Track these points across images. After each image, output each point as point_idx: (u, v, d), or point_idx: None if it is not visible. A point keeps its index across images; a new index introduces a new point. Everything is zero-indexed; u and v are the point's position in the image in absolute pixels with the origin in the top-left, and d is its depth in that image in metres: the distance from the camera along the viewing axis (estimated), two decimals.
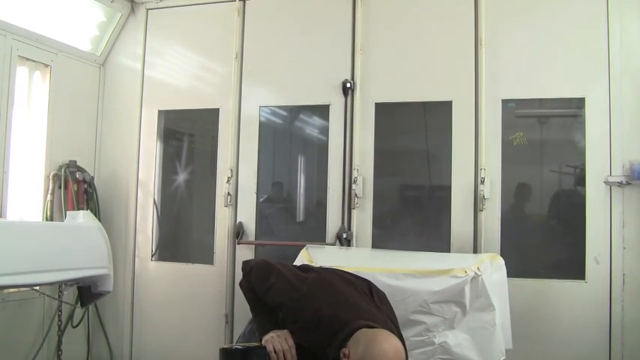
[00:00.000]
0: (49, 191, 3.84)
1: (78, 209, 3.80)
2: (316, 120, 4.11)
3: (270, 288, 2.15)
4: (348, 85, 3.77)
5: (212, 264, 3.98)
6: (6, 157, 3.54)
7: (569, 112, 3.60)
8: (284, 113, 4.18)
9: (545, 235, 3.58)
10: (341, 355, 1.85)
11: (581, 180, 3.41)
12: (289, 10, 4.03)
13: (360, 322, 1.93)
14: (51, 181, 3.86)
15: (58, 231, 3.30)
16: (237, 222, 3.96)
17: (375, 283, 2.44)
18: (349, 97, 3.80)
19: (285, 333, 2.03)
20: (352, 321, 1.93)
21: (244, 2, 4.09)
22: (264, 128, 4.05)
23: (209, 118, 4.14)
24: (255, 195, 3.97)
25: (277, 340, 2.00)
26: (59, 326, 3.71)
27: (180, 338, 3.98)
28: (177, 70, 4.24)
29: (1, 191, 3.50)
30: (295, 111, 4.11)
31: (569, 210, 3.58)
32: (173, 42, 4.26)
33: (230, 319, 3.90)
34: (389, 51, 3.79)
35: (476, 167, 3.55)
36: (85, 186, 4.05)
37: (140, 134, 4.26)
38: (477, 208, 3.51)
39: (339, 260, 2.81)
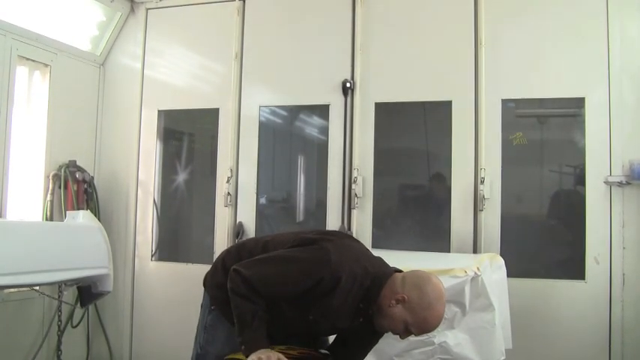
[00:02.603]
0: (49, 191, 3.84)
1: (78, 209, 3.80)
2: (316, 120, 4.11)
3: (299, 280, 1.94)
4: (348, 85, 3.77)
5: (212, 264, 3.97)
6: (6, 157, 3.54)
7: (569, 112, 3.59)
8: (284, 113, 4.18)
9: (545, 235, 3.58)
10: (394, 301, 1.94)
11: (581, 180, 3.41)
12: (289, 10, 4.03)
13: (386, 269, 2.04)
14: (51, 180, 3.86)
15: (58, 231, 3.30)
16: (237, 222, 3.96)
17: None
18: (349, 97, 3.80)
19: (275, 354, 1.86)
20: (378, 271, 2.01)
21: (244, 2, 4.09)
22: (264, 128, 4.05)
23: (209, 117, 4.14)
24: (255, 195, 3.97)
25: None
26: (59, 326, 3.71)
27: (180, 338, 3.95)
28: (177, 69, 4.23)
29: (1, 191, 3.50)
30: (295, 111, 4.11)
31: (569, 210, 3.58)
32: (173, 42, 4.26)
33: None
34: (389, 51, 3.79)
35: (476, 167, 3.55)
36: (85, 186, 4.04)
37: (140, 134, 4.26)
38: (476, 208, 3.51)
39: None
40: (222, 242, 3.95)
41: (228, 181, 3.95)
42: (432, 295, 1.95)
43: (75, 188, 3.94)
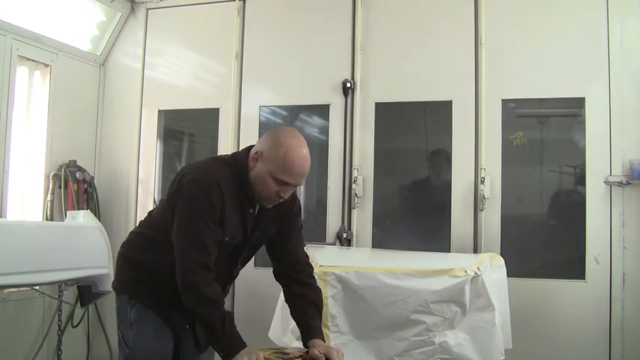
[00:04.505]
0: (49, 191, 3.85)
1: (78, 209, 3.80)
2: (316, 120, 4.11)
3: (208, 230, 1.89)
4: (348, 85, 3.77)
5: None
6: (6, 157, 3.54)
7: (569, 112, 3.59)
8: (284, 113, 4.18)
9: (545, 235, 3.58)
10: (253, 162, 1.94)
11: (581, 180, 3.41)
12: (289, 10, 4.03)
13: (243, 151, 2.03)
14: (51, 180, 3.86)
15: (58, 231, 3.30)
16: None
17: (376, 283, 2.47)
18: (349, 97, 3.80)
19: (255, 353, 1.83)
20: (237, 155, 2.06)
21: (244, 2, 4.09)
22: (264, 128, 4.04)
23: (209, 117, 4.14)
24: None
25: None
26: (59, 326, 3.71)
27: None
28: (177, 69, 4.24)
29: (1, 191, 3.50)
30: (295, 111, 4.11)
31: (569, 210, 3.58)
32: (173, 42, 4.26)
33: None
34: (389, 51, 3.79)
35: (476, 167, 3.55)
36: (85, 186, 4.05)
37: (140, 134, 4.26)
38: (477, 208, 3.51)
39: (339, 260, 2.81)
40: None
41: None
42: (282, 135, 1.94)
43: (75, 188, 3.94)
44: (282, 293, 2.54)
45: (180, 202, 1.91)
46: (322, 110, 3.92)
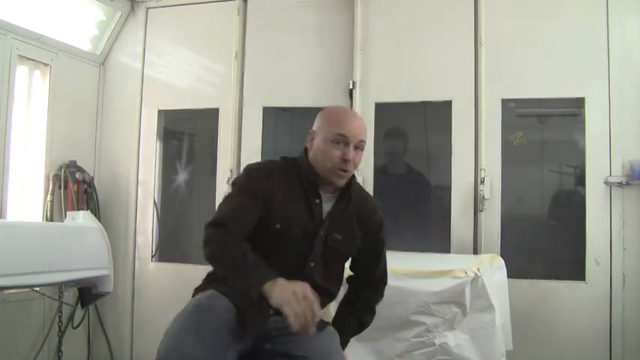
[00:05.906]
0: (49, 191, 3.84)
1: (78, 209, 3.80)
2: None
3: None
4: (349, 85, 3.77)
5: None
6: (6, 157, 3.53)
7: (569, 112, 3.60)
8: (285, 113, 4.17)
9: (545, 236, 3.58)
10: (310, 144, 1.98)
11: (581, 180, 3.41)
12: (289, 10, 4.02)
13: None
14: (51, 181, 3.85)
15: (58, 231, 3.29)
16: None
17: None
18: (349, 97, 3.79)
19: (301, 286, 1.61)
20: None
21: (245, 2, 4.08)
22: (265, 128, 4.04)
23: (209, 117, 4.14)
24: None
25: (295, 302, 1.56)
26: (59, 327, 3.70)
27: None
28: (177, 69, 4.23)
29: (1, 191, 3.49)
30: (295, 111, 4.11)
31: (569, 210, 3.58)
32: (173, 41, 4.25)
33: None
34: (389, 51, 3.79)
35: (476, 167, 3.55)
36: (85, 186, 4.04)
37: (140, 134, 4.25)
38: (477, 208, 3.51)
39: None
40: None
41: (228, 181, 3.95)
42: (330, 107, 2.08)
43: (75, 189, 3.93)
44: None
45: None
46: None
